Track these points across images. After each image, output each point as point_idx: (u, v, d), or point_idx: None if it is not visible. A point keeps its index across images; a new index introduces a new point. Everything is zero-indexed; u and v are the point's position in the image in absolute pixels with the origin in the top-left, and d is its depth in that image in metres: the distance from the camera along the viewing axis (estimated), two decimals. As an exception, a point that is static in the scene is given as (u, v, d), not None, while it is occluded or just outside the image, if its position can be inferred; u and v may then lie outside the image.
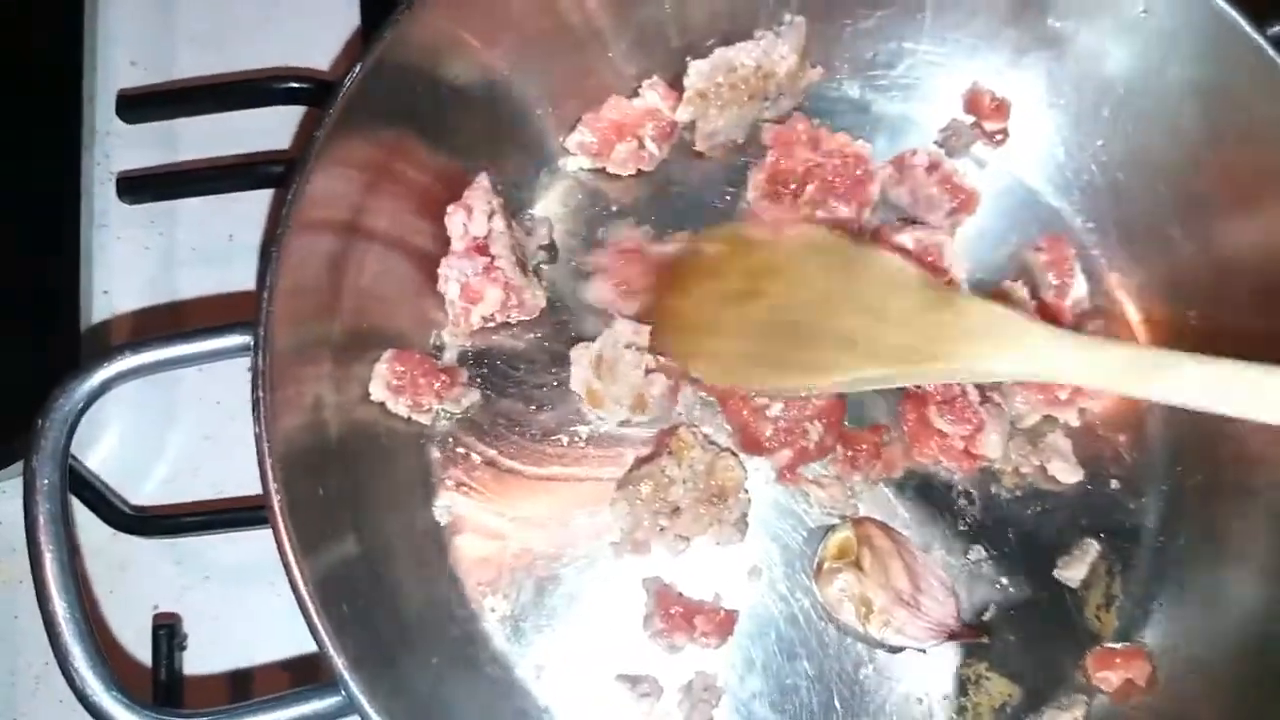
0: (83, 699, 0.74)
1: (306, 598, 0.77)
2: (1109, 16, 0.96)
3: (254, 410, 0.80)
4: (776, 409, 0.97)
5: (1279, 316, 0.93)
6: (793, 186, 1.03)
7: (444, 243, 0.99)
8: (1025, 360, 0.85)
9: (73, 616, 0.75)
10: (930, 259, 1.00)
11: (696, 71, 1.01)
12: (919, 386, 0.98)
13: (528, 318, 1.00)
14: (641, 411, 0.97)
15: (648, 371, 0.97)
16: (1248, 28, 0.88)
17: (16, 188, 1.07)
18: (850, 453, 0.99)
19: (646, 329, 0.98)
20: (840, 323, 0.92)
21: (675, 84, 1.04)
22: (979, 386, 0.98)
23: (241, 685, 0.99)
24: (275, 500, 0.78)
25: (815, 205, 1.03)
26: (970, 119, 1.06)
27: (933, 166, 1.03)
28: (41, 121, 1.09)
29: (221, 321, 0.85)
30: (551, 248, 1.04)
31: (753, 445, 0.98)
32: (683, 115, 1.03)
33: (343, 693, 0.77)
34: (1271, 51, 0.88)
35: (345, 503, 0.89)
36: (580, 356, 0.98)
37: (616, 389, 0.97)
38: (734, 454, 0.98)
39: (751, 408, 0.98)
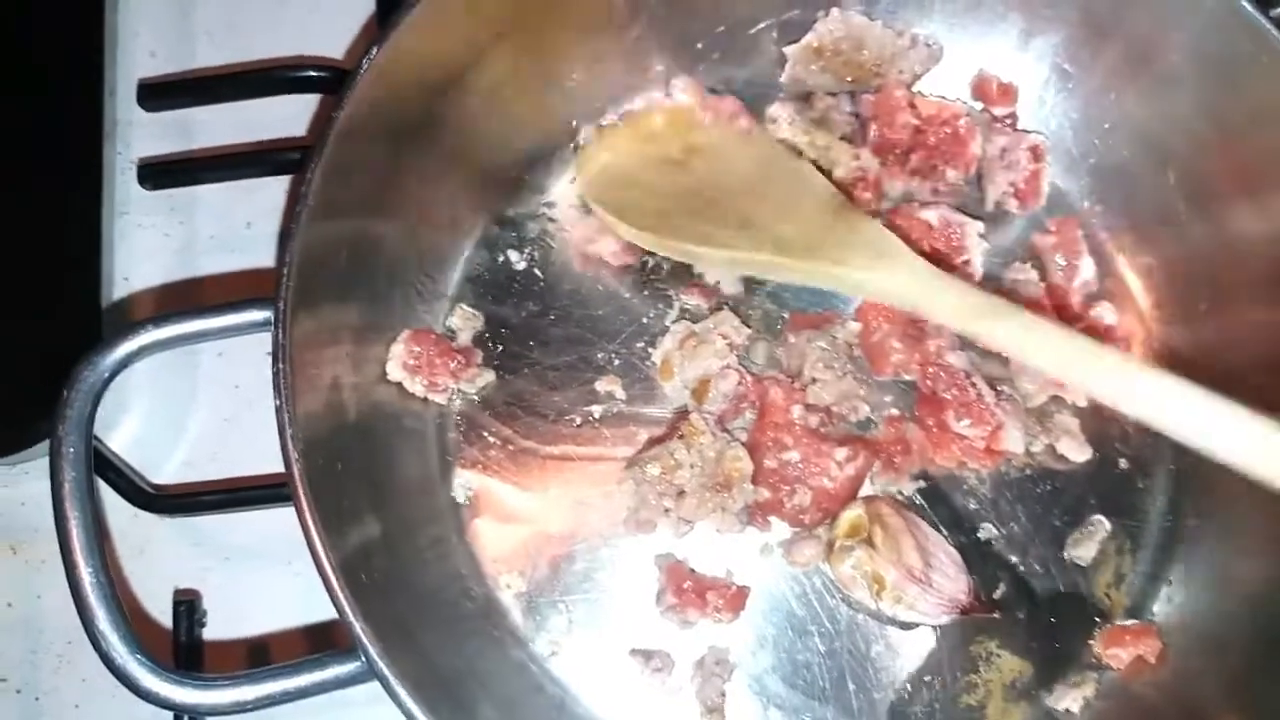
0: (107, 662, 0.75)
1: (327, 566, 0.78)
2: (1113, 0, 0.97)
3: (275, 384, 0.80)
4: (794, 455, 0.98)
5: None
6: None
7: (457, 226, 1.02)
8: (889, 281, 0.90)
9: (98, 581, 0.76)
10: (952, 238, 1.01)
11: (827, 25, 1.03)
12: (934, 393, 0.99)
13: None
14: (699, 402, 0.99)
15: (726, 368, 0.99)
16: (1253, 10, 0.89)
17: (39, 176, 1.08)
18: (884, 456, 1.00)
19: (746, 330, 1.01)
20: (744, 205, 0.97)
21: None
22: (990, 383, 0.99)
23: (260, 656, 1.01)
24: (296, 470, 0.79)
25: (924, 175, 1.04)
26: (979, 105, 1.07)
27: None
28: (63, 111, 1.10)
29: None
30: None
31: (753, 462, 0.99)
32: (790, 54, 1.05)
33: (361, 658, 0.78)
34: (1276, 33, 0.88)
35: (363, 480, 0.90)
36: (677, 330, 1.01)
37: (690, 369, 0.99)
38: (743, 445, 0.98)
39: (776, 438, 0.98)
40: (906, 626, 0.97)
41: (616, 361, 1.02)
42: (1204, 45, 0.93)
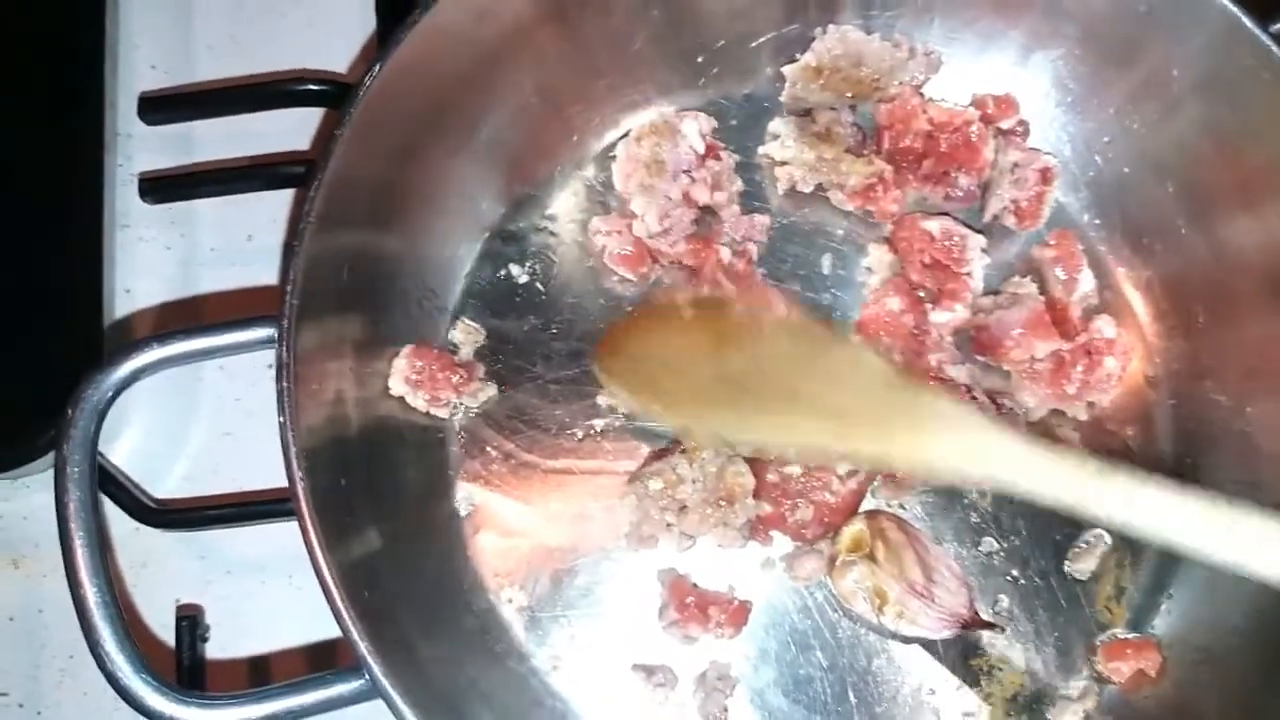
0: (112, 681, 0.75)
1: (330, 582, 0.78)
2: (1113, 15, 0.97)
3: (279, 402, 0.81)
4: (795, 469, 0.98)
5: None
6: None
7: (459, 240, 1.03)
8: (965, 452, 0.84)
9: (103, 600, 0.76)
10: (952, 250, 1.01)
11: (825, 44, 1.02)
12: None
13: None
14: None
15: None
16: (1251, 25, 0.89)
17: (40, 190, 1.08)
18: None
19: None
20: (791, 383, 0.91)
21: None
22: (991, 396, 0.99)
23: (262, 672, 1.01)
24: (300, 488, 0.80)
25: (936, 181, 1.04)
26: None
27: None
28: (64, 124, 1.10)
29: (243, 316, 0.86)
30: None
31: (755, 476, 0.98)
32: (788, 74, 1.04)
33: (365, 676, 0.78)
34: (1275, 48, 0.89)
35: (366, 494, 0.90)
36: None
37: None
38: (745, 460, 0.98)
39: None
40: (908, 641, 0.97)
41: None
42: (1204, 60, 0.93)
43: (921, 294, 1.02)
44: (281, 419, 0.80)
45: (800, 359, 0.93)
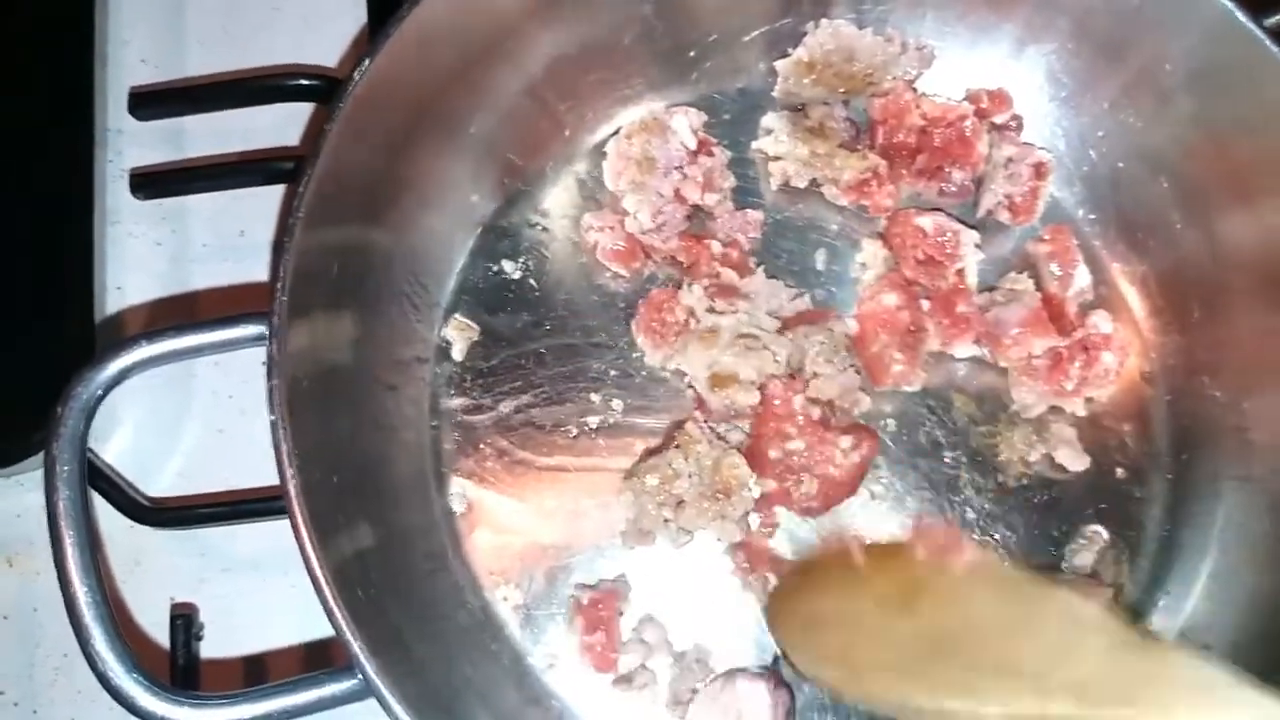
0: (104, 681, 0.75)
1: (323, 581, 0.77)
2: (1106, 10, 0.97)
3: (269, 398, 0.80)
4: (799, 444, 0.97)
5: (1280, 310, 0.94)
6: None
7: (451, 236, 1.03)
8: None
9: (93, 600, 0.76)
10: (945, 245, 1.01)
11: (817, 39, 1.02)
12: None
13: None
14: (709, 388, 0.98)
15: (756, 385, 0.98)
16: (1244, 18, 0.89)
17: (30, 185, 1.08)
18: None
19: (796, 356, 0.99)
20: (1005, 650, 0.78)
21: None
22: None
23: (257, 671, 1.00)
24: (292, 486, 0.79)
25: (930, 176, 1.04)
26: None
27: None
28: (54, 120, 1.10)
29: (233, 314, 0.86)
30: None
31: (756, 456, 0.98)
32: (780, 69, 1.04)
33: (359, 676, 0.77)
34: (1269, 41, 0.89)
35: (359, 492, 0.90)
36: (743, 318, 0.99)
37: (725, 357, 0.98)
38: (740, 453, 0.97)
39: (779, 429, 0.97)
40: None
41: (613, 372, 1.01)
42: (1198, 54, 0.93)
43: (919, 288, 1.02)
44: (272, 416, 0.80)
45: (1007, 619, 0.80)
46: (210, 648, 1.01)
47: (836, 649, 0.86)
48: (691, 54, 1.06)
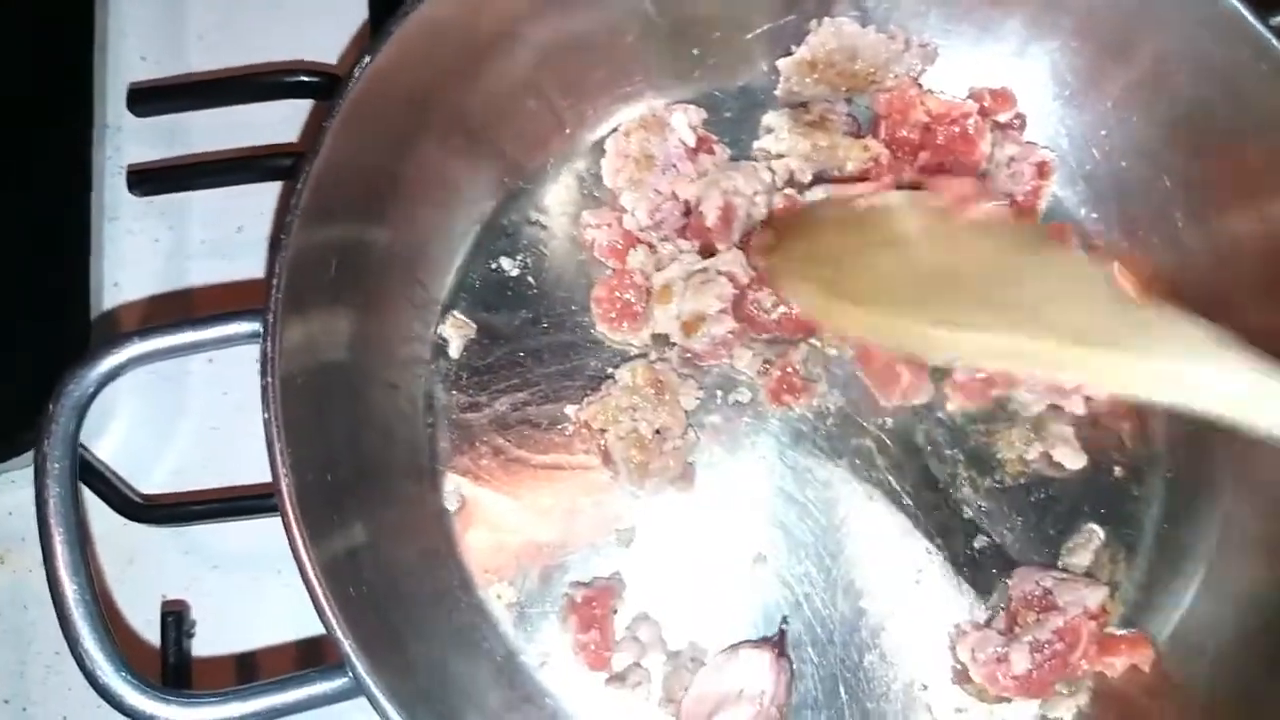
0: (92, 680, 0.75)
1: (314, 579, 0.77)
2: (1110, 8, 0.96)
3: (263, 396, 0.80)
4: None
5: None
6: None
7: (450, 233, 1.03)
8: (1216, 378, 0.71)
9: (83, 599, 0.76)
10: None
11: (819, 38, 1.01)
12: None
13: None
14: (689, 334, 0.98)
15: (723, 311, 0.98)
16: (1250, 17, 0.88)
17: (28, 181, 1.08)
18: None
19: (747, 268, 0.98)
20: (998, 290, 0.77)
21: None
22: None
23: (249, 669, 1.00)
24: (284, 484, 0.79)
25: (932, 173, 1.03)
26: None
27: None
28: (53, 116, 1.10)
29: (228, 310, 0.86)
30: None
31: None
32: (782, 68, 1.03)
33: (349, 674, 0.77)
34: (1274, 41, 0.88)
35: (353, 489, 0.89)
36: (688, 262, 0.99)
37: (685, 305, 0.98)
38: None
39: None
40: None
41: (610, 370, 1.01)
42: (1202, 53, 0.92)
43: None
44: (266, 414, 0.80)
45: (1009, 265, 0.80)
46: (202, 646, 1.01)
47: (826, 277, 0.85)
48: (694, 51, 1.05)
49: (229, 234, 1.11)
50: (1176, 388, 0.71)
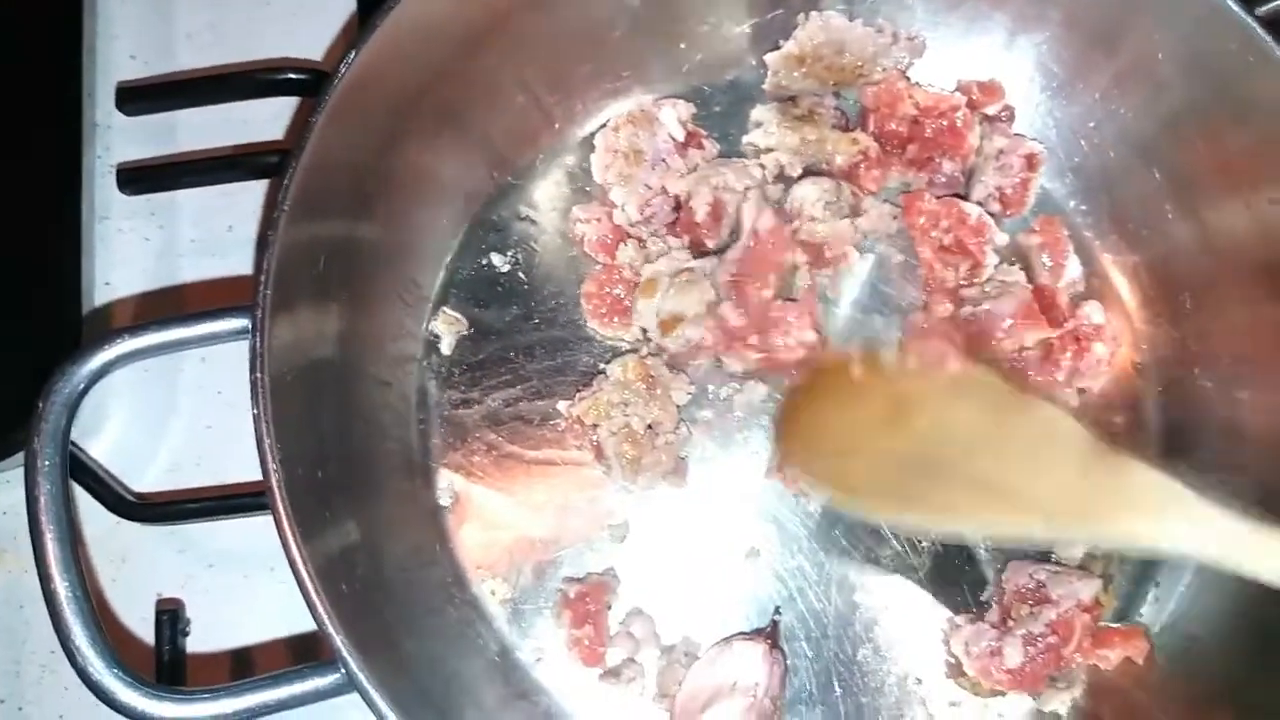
0: (84, 677, 0.75)
1: (305, 575, 0.77)
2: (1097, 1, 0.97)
3: (252, 392, 0.80)
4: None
5: (1273, 300, 0.93)
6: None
7: (440, 230, 1.03)
8: (1195, 539, 0.76)
9: (74, 595, 0.76)
10: (983, 236, 1.02)
11: (806, 32, 1.01)
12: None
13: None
14: (665, 333, 0.98)
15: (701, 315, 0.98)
16: (1237, 8, 0.88)
17: (17, 181, 1.07)
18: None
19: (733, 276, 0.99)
20: (982, 466, 0.84)
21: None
22: None
23: (243, 667, 1.00)
24: (274, 481, 0.79)
25: (920, 166, 1.04)
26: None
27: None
28: (42, 115, 1.09)
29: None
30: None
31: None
32: (770, 62, 1.03)
33: (342, 670, 0.77)
34: (1261, 31, 0.88)
35: (345, 486, 0.89)
36: (679, 259, 1.00)
37: (666, 304, 0.98)
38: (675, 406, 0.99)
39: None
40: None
41: (602, 366, 1.01)
42: (1190, 44, 0.93)
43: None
44: (255, 410, 0.80)
45: (985, 431, 0.86)
46: (196, 643, 1.00)
47: (834, 471, 0.91)
48: (681, 46, 1.06)
49: (219, 232, 1.11)
50: (1155, 541, 0.77)
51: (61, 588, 0.76)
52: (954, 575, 0.98)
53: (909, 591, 0.98)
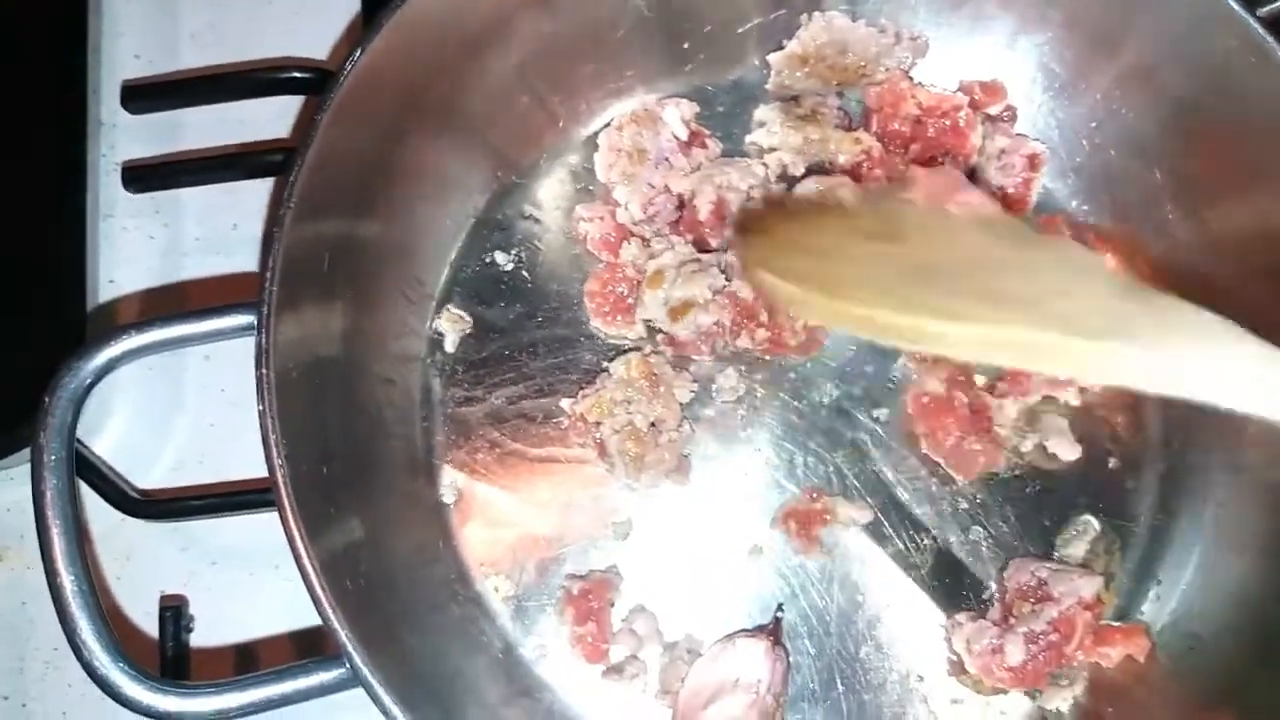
0: (89, 670, 0.75)
1: (310, 571, 0.77)
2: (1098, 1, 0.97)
3: (258, 389, 0.80)
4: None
5: (1275, 300, 0.93)
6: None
7: (444, 228, 1.03)
8: (1221, 364, 0.65)
9: (80, 589, 0.76)
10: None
11: (809, 32, 1.01)
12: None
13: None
14: (675, 321, 0.98)
15: (712, 301, 0.98)
16: (1239, 8, 0.88)
17: (22, 179, 1.08)
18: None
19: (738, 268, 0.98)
20: (995, 280, 0.71)
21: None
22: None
23: (247, 663, 1.00)
24: (280, 477, 0.79)
25: (924, 166, 1.03)
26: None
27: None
28: (46, 114, 1.10)
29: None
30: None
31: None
32: (773, 62, 1.04)
33: (347, 665, 0.77)
34: (1262, 31, 0.88)
35: (349, 483, 0.89)
36: (682, 251, 1.00)
37: (675, 291, 0.98)
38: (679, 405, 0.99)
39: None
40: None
41: (605, 364, 1.01)
42: (1191, 44, 0.93)
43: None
44: (261, 407, 0.80)
45: (1002, 258, 0.73)
46: (200, 640, 1.01)
47: (808, 268, 0.78)
48: (685, 46, 1.06)
49: (224, 230, 1.11)
50: (1187, 378, 0.66)
51: (67, 582, 0.76)
52: (956, 573, 0.98)
53: (911, 589, 0.98)
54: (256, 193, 1.11)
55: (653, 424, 0.97)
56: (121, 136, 1.14)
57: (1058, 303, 0.67)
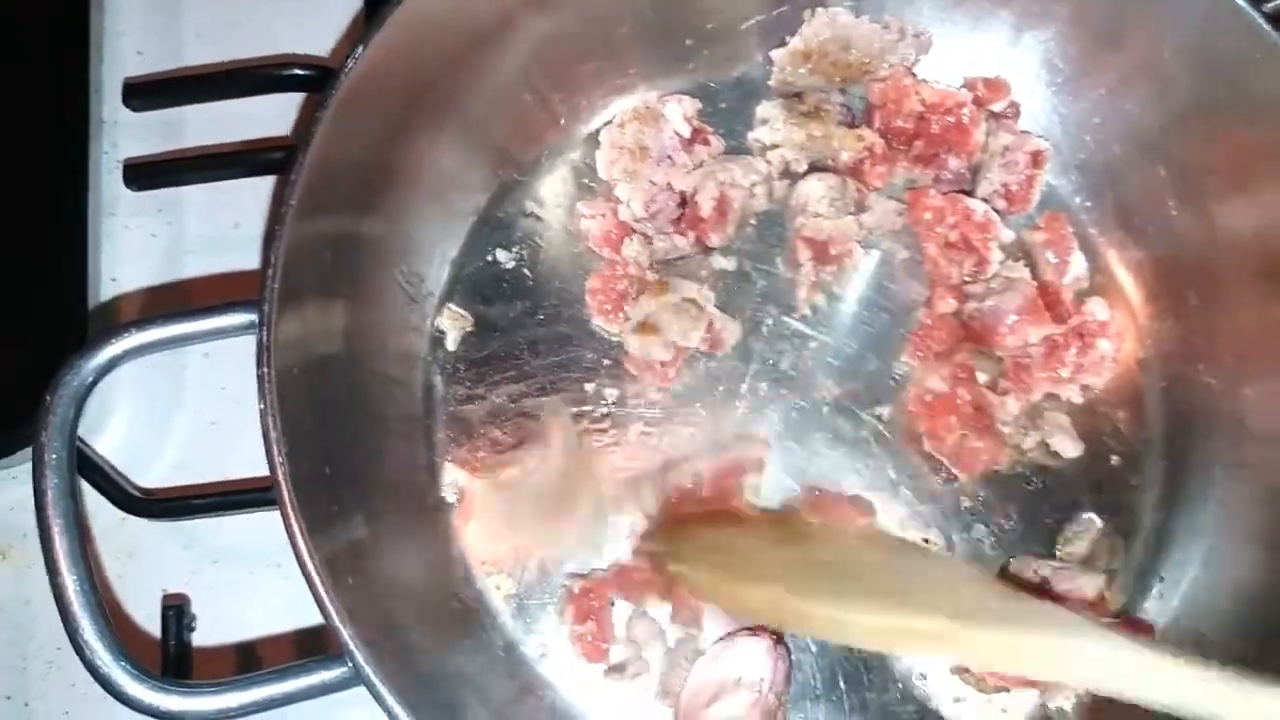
0: (91, 669, 0.75)
1: (312, 569, 0.77)
2: (1104, -4, 0.96)
3: (259, 387, 0.80)
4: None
5: (1279, 297, 0.93)
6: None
7: (445, 226, 1.03)
8: (1086, 651, 0.72)
9: (82, 589, 0.76)
10: (987, 233, 1.01)
11: (812, 28, 1.01)
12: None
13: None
14: (638, 334, 0.99)
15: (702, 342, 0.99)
16: (1243, 4, 0.88)
17: (24, 177, 1.08)
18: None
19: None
20: (891, 583, 0.83)
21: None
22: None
23: (250, 662, 1.00)
24: (281, 475, 0.79)
25: (926, 162, 1.04)
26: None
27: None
28: (48, 111, 1.10)
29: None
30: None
31: None
32: (776, 58, 1.03)
33: (348, 663, 0.77)
34: (1268, 28, 0.88)
35: (351, 481, 0.89)
36: (681, 286, 1.00)
37: (664, 316, 0.98)
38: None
39: None
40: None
41: (606, 362, 1.01)
42: (1196, 40, 0.92)
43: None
44: (262, 405, 0.80)
45: (895, 565, 0.87)
46: (202, 639, 1.01)
47: (720, 563, 0.89)
48: (687, 42, 1.06)
49: (225, 228, 1.11)
50: (1057, 662, 0.74)
51: (69, 580, 0.76)
52: (958, 571, 0.98)
53: (914, 588, 0.98)
54: (258, 191, 1.11)
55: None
56: (123, 134, 1.14)
57: (942, 598, 0.79)
